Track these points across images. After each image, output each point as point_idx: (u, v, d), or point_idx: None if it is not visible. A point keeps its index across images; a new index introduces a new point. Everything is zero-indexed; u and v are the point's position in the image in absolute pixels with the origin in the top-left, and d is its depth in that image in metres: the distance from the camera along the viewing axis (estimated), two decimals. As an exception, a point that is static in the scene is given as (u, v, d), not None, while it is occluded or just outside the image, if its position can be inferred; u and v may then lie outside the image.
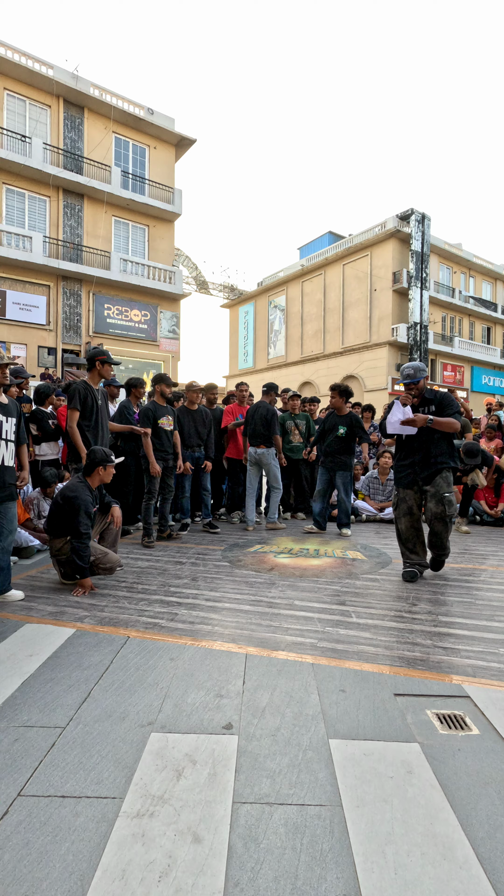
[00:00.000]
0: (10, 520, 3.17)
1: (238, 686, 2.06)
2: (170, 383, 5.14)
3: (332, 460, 5.51)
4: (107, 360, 4.18)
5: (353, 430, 5.48)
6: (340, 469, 5.50)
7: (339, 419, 5.52)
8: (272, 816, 1.35)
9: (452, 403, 3.66)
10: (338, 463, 5.49)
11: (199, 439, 5.47)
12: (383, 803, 1.40)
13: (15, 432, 3.21)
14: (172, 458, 5.12)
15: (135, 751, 1.62)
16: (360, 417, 5.69)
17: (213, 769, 1.53)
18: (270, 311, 29.66)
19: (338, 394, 5.54)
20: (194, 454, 5.43)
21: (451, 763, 1.59)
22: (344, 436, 5.46)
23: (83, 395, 4.02)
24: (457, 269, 26.65)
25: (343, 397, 5.55)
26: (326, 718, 1.83)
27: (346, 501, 5.53)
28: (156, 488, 4.91)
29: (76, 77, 16.26)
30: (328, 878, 1.16)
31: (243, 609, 3.01)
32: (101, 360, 4.15)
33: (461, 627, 2.75)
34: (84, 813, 1.35)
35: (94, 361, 4.15)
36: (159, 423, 4.95)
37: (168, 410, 5.09)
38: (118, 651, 2.39)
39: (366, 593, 3.36)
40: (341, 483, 5.50)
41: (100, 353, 4.18)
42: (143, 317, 18.08)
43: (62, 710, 1.87)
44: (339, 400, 5.55)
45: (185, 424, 5.41)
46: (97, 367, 4.15)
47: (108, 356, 4.20)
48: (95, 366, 4.15)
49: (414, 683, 2.11)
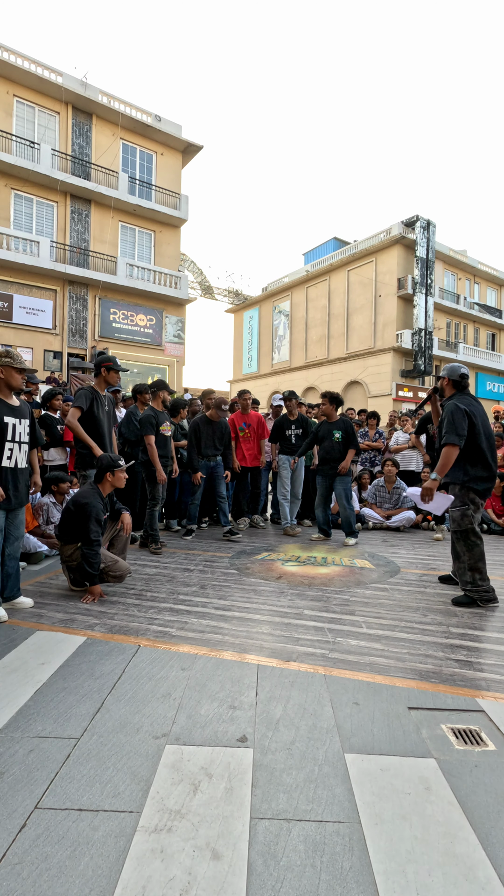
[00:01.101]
0: (17, 525, 3.18)
1: (251, 697, 2.06)
2: (170, 390, 5.22)
3: (329, 467, 5.48)
4: (113, 367, 4.19)
5: (348, 435, 5.49)
6: (340, 475, 5.46)
7: (333, 425, 5.54)
8: (291, 833, 1.34)
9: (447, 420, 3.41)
10: (336, 469, 5.46)
11: (216, 449, 5.47)
12: (402, 821, 1.39)
13: (29, 433, 3.23)
14: (170, 462, 5.18)
15: (150, 763, 1.62)
16: (352, 423, 5.67)
17: (230, 783, 1.53)
18: (275, 316, 29.74)
19: (328, 401, 5.57)
20: (210, 463, 5.44)
21: (468, 779, 1.58)
22: (341, 440, 5.47)
23: (90, 398, 4.04)
24: (462, 275, 26.68)
25: (333, 404, 5.59)
26: (341, 732, 1.82)
27: (349, 508, 5.40)
28: (159, 494, 4.91)
29: (85, 84, 16.42)
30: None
31: (253, 618, 3.00)
32: (106, 367, 4.16)
33: (473, 639, 2.73)
34: (102, 827, 1.35)
35: (100, 368, 4.17)
36: (161, 430, 4.95)
37: (167, 417, 5.13)
38: (130, 660, 2.39)
39: (375, 603, 3.35)
40: (342, 489, 5.44)
41: (106, 359, 4.19)
42: (148, 321, 18.16)
43: (76, 720, 1.87)
44: (330, 407, 5.57)
45: (203, 434, 5.36)
46: (103, 374, 4.17)
47: (114, 363, 4.21)
48: (101, 372, 4.16)
49: (427, 697, 2.10)
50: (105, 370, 4.18)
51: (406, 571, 4.23)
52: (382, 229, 23.13)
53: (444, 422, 3.40)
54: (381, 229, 23.18)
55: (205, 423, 5.44)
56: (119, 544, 3.83)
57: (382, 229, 23.13)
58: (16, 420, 3.10)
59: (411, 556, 4.86)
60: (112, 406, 4.32)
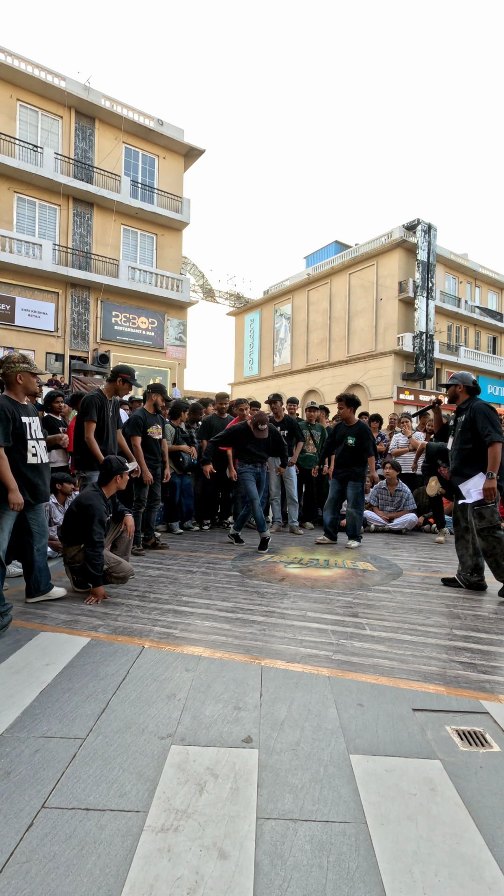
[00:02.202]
0: (41, 522, 3.23)
1: (255, 699, 2.06)
2: (166, 397, 5.22)
3: (344, 471, 5.48)
4: (129, 381, 4.24)
5: (361, 441, 5.45)
6: (352, 479, 5.47)
7: (348, 429, 5.51)
8: (297, 833, 1.34)
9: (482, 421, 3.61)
10: (350, 473, 5.46)
11: (263, 457, 5.39)
12: (408, 821, 1.39)
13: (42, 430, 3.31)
14: (161, 466, 5.12)
15: (156, 764, 1.62)
16: (369, 428, 5.64)
17: (236, 783, 1.53)
18: (276, 319, 29.80)
19: (345, 403, 5.54)
20: (257, 469, 5.40)
21: (473, 781, 1.58)
22: (354, 446, 5.45)
23: (99, 405, 4.06)
24: (463, 279, 26.73)
25: (351, 407, 5.55)
26: (346, 733, 1.82)
27: (356, 513, 5.43)
28: (145, 497, 4.89)
29: (88, 89, 16.52)
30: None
31: (256, 620, 3.01)
32: (123, 378, 4.20)
33: (476, 641, 2.74)
34: (109, 826, 1.35)
35: (118, 376, 4.20)
36: (149, 432, 4.92)
37: (158, 420, 5.09)
38: (134, 661, 2.39)
39: (378, 605, 3.35)
40: (353, 494, 5.45)
41: (126, 370, 4.24)
42: (150, 324, 18.21)
43: (81, 720, 1.87)
44: (348, 410, 5.55)
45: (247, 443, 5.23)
46: (118, 383, 4.21)
47: (132, 377, 4.26)
48: (117, 381, 4.19)
49: (431, 698, 2.10)
50: (121, 381, 4.22)
51: (408, 574, 4.24)
52: (384, 233, 23.20)
53: (479, 423, 3.60)
54: (383, 233, 23.25)
55: (248, 435, 5.23)
56: (122, 546, 3.84)
57: (384, 233, 23.20)
58: (30, 419, 3.14)
59: (413, 559, 4.86)
60: (117, 410, 4.34)
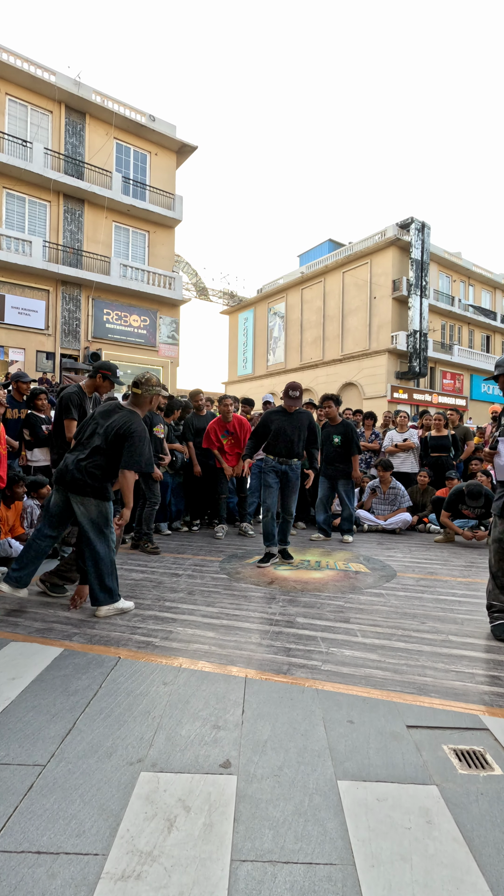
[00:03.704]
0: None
1: (237, 716, 1.90)
2: (167, 395, 5.07)
3: (332, 469, 5.55)
4: (110, 378, 3.99)
5: (348, 439, 5.49)
6: (341, 477, 5.58)
7: (334, 429, 5.56)
8: (276, 878, 1.18)
9: None
10: (338, 471, 5.55)
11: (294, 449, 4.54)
12: (402, 862, 1.23)
13: None
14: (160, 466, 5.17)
15: (122, 795, 1.45)
16: (353, 425, 5.65)
17: (209, 818, 1.37)
18: (270, 317, 29.64)
19: (333, 403, 5.56)
20: (281, 467, 4.54)
21: (473, 810, 1.43)
22: (340, 444, 5.51)
23: (77, 402, 3.85)
24: (456, 277, 26.68)
25: (337, 406, 5.61)
26: (334, 755, 1.67)
27: (350, 507, 5.57)
28: (158, 493, 4.92)
29: (78, 83, 16.28)
30: None
31: (242, 627, 2.85)
32: (103, 375, 3.95)
33: (473, 648, 2.59)
34: (61, 873, 1.18)
35: (98, 372, 3.96)
36: (154, 431, 4.94)
37: (161, 419, 5.15)
38: (108, 674, 2.22)
39: (371, 609, 3.20)
40: (343, 490, 5.56)
41: (107, 367, 3.97)
42: (142, 322, 17.99)
43: (43, 743, 1.70)
44: (334, 409, 5.57)
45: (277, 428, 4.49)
46: (97, 380, 3.95)
47: (113, 373, 4.02)
48: (97, 377, 3.96)
49: (427, 713, 1.95)
50: (101, 377, 3.96)
51: (402, 576, 4.09)
52: (377, 231, 23.09)
53: None
54: (376, 231, 23.15)
55: (280, 414, 4.45)
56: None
57: (377, 231, 23.09)
58: None
59: (408, 560, 4.72)
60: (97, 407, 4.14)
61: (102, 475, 2.98)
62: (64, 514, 3.10)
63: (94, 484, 2.96)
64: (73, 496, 2.98)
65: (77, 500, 2.98)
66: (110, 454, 2.99)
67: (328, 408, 5.54)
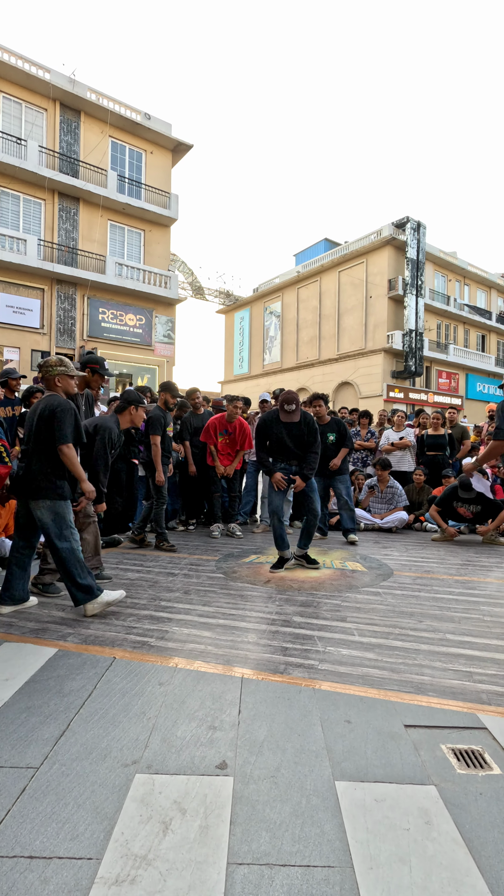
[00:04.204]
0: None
1: (233, 716, 1.88)
2: (175, 393, 5.16)
3: (327, 468, 5.49)
4: (99, 371, 3.96)
5: (342, 436, 5.52)
6: (337, 474, 5.53)
7: (327, 427, 5.54)
8: (273, 882, 1.16)
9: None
10: (334, 470, 5.51)
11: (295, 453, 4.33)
12: (400, 864, 1.22)
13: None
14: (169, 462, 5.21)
15: (116, 797, 1.43)
16: (344, 423, 5.70)
17: (205, 820, 1.35)
18: (266, 317, 29.62)
19: (322, 402, 5.56)
20: (291, 468, 4.33)
21: (473, 811, 1.41)
22: (335, 442, 5.51)
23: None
24: (452, 277, 26.75)
25: (327, 405, 5.61)
26: (331, 755, 1.65)
27: (350, 504, 5.53)
28: (165, 492, 4.96)
29: (73, 81, 16.19)
30: None
31: (238, 626, 2.83)
32: (92, 369, 3.93)
33: (471, 647, 2.58)
34: (54, 879, 1.16)
35: (86, 367, 3.95)
36: (167, 431, 4.99)
37: (170, 418, 5.16)
38: (103, 674, 2.20)
39: (368, 608, 3.19)
40: (342, 488, 5.51)
41: (95, 361, 3.96)
42: (138, 321, 17.93)
43: (37, 745, 1.67)
44: (324, 409, 5.57)
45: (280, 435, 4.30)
46: (87, 375, 3.93)
47: (101, 366, 3.99)
48: (129, 409, 3.88)
49: (425, 712, 1.93)
50: (90, 371, 3.95)
51: (399, 574, 4.08)
52: (373, 230, 23.12)
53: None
54: (372, 230, 23.18)
55: (277, 422, 4.26)
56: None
57: (373, 230, 23.12)
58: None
59: (405, 559, 4.71)
60: (90, 404, 4.11)
61: (50, 471, 2.92)
62: (30, 523, 3.04)
63: (43, 483, 2.90)
64: (29, 502, 2.95)
65: (32, 504, 2.94)
66: (45, 444, 2.92)
67: (318, 407, 5.51)
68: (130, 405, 3.80)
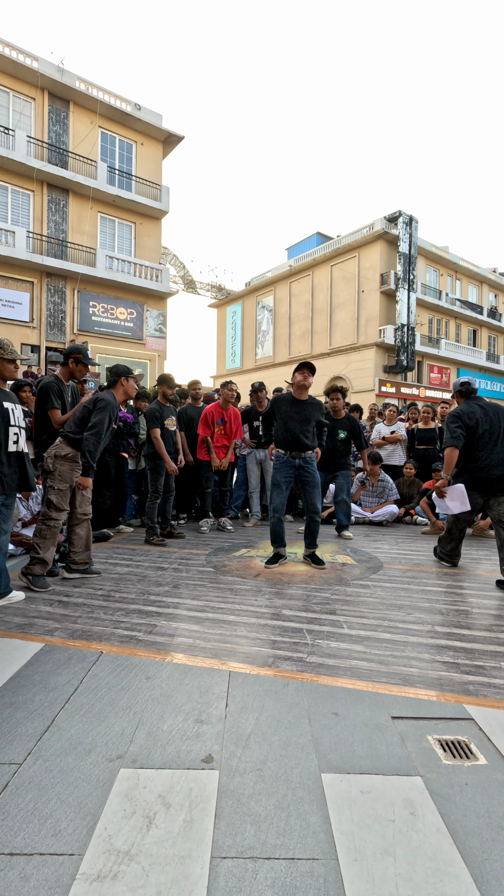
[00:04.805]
0: (6, 518, 3.06)
1: (220, 709, 1.87)
2: (172, 385, 5.16)
3: (333, 464, 5.47)
4: (82, 360, 3.92)
5: (355, 434, 5.49)
6: (340, 470, 5.51)
7: (339, 423, 5.49)
8: (257, 875, 1.15)
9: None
10: (339, 465, 5.49)
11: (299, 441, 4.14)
12: (385, 855, 1.21)
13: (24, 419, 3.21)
14: (175, 456, 5.22)
15: (100, 792, 1.42)
16: (358, 423, 5.64)
17: (190, 814, 1.34)
18: (258, 311, 29.51)
19: (340, 395, 5.51)
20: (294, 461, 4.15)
21: (458, 801, 1.41)
22: (345, 440, 5.48)
23: (57, 390, 3.81)
24: (444, 271, 26.78)
25: (344, 398, 5.56)
26: (318, 747, 1.64)
27: (347, 502, 5.50)
28: (161, 487, 4.99)
29: (62, 70, 15.92)
30: None
31: (227, 619, 2.81)
32: (75, 359, 3.90)
33: (459, 639, 2.59)
34: (35, 876, 1.14)
35: (69, 358, 3.91)
36: (165, 424, 5.00)
37: (172, 411, 5.17)
38: (89, 669, 2.17)
39: (357, 601, 3.19)
40: (343, 484, 5.48)
41: (76, 350, 3.93)
42: (129, 315, 17.77)
43: (20, 741, 1.65)
44: (341, 402, 5.51)
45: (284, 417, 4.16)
46: (70, 365, 3.90)
47: (84, 355, 3.95)
48: (69, 363, 3.91)
49: (412, 704, 1.93)
50: (73, 362, 3.91)
51: (389, 567, 4.09)
52: (365, 224, 23.05)
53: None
54: (364, 224, 23.11)
55: (287, 402, 4.14)
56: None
57: (365, 224, 23.05)
58: (11, 405, 3.06)
59: (395, 552, 4.72)
60: (76, 397, 4.07)
61: None
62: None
63: None
64: None
65: None
66: None
67: (336, 400, 5.47)
68: (120, 377, 3.78)
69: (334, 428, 5.44)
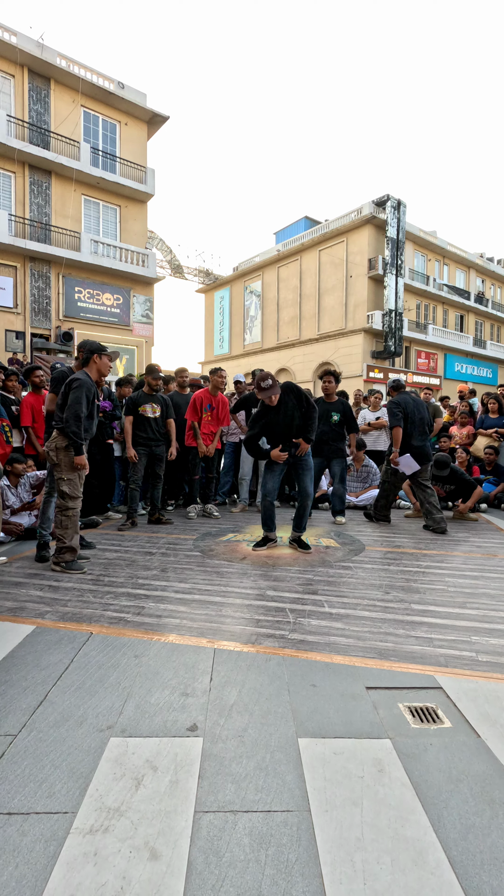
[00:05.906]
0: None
1: (205, 683, 1.98)
2: (156, 375, 5.18)
3: (327, 448, 5.48)
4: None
5: (347, 417, 5.52)
6: (336, 456, 5.53)
7: (332, 406, 5.48)
8: (236, 826, 1.27)
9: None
10: (333, 450, 5.49)
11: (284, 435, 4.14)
12: (353, 806, 1.34)
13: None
14: (162, 445, 5.26)
15: (91, 758, 1.52)
16: (350, 406, 5.67)
17: (175, 776, 1.45)
18: (246, 296, 29.33)
19: (333, 378, 5.52)
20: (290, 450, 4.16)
21: (423, 759, 1.54)
22: (338, 422, 5.47)
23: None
24: (431, 256, 26.79)
25: (337, 383, 5.59)
26: (296, 716, 1.76)
27: (343, 488, 5.55)
28: (139, 475, 5.11)
29: (42, 46, 15.46)
30: (294, 893, 1.09)
31: (214, 601, 2.92)
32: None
33: (434, 616, 2.72)
34: (31, 831, 1.24)
35: (93, 355, 3.83)
36: (140, 411, 5.08)
37: (154, 398, 5.22)
38: (79, 649, 2.27)
39: (339, 582, 3.32)
40: (339, 470, 5.52)
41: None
42: (115, 300, 17.59)
43: (15, 715, 1.75)
44: (334, 385, 5.53)
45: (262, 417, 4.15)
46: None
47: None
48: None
49: (386, 675, 2.06)
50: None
51: (371, 549, 4.23)
52: (353, 209, 22.91)
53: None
54: (353, 209, 22.97)
55: (265, 413, 4.09)
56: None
57: (353, 209, 22.91)
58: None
59: (377, 535, 4.87)
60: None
61: None
62: None
63: None
64: None
65: None
66: None
67: (328, 383, 5.49)
68: (93, 354, 3.77)
69: (327, 411, 5.41)
